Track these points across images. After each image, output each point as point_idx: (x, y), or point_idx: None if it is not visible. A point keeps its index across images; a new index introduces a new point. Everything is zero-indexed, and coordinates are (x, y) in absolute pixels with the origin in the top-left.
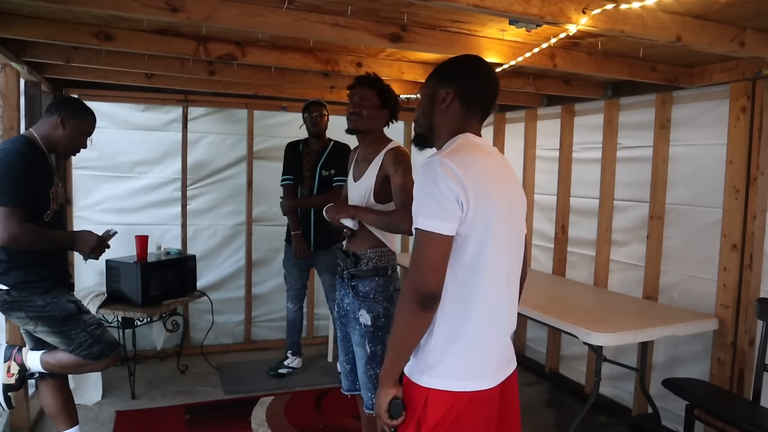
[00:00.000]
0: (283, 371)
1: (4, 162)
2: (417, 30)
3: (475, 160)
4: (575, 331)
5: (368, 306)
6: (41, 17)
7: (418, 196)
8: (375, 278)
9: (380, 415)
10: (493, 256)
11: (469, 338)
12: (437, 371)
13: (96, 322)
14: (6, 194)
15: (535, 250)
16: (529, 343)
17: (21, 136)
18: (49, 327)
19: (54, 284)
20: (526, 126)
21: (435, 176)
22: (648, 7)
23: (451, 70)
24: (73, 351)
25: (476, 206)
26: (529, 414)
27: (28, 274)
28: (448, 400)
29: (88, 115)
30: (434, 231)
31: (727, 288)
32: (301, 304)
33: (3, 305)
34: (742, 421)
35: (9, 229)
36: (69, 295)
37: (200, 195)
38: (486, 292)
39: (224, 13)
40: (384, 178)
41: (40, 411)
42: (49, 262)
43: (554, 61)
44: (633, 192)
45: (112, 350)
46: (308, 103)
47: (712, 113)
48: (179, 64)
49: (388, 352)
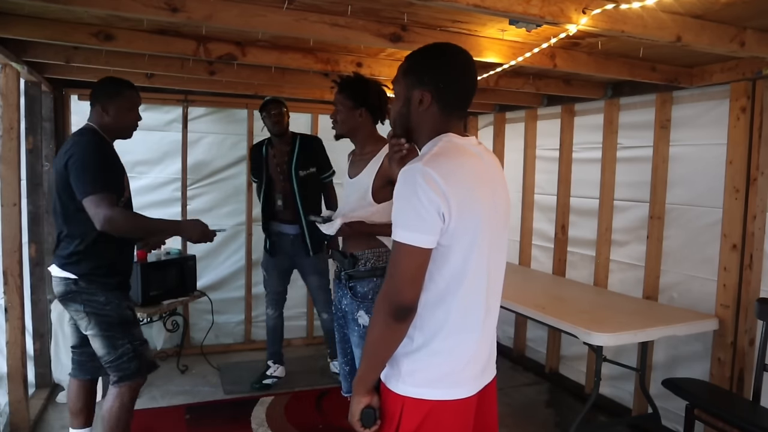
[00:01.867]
0: (268, 382)
1: (83, 152)
2: (417, 30)
3: (458, 165)
4: (575, 331)
5: (367, 307)
6: (41, 17)
7: (397, 206)
8: (373, 279)
9: (353, 423)
10: (475, 264)
11: (446, 346)
12: (413, 379)
13: (142, 338)
14: (94, 182)
15: (535, 250)
16: (529, 343)
17: (87, 128)
18: (100, 328)
19: (120, 283)
20: (526, 126)
21: (415, 186)
22: (648, 7)
23: (425, 67)
24: (113, 361)
25: (459, 216)
26: (529, 414)
27: (99, 266)
28: (424, 408)
29: (124, 90)
30: (411, 244)
31: (727, 288)
32: (282, 309)
33: (66, 295)
34: (742, 421)
35: (105, 213)
36: (129, 300)
37: (200, 195)
38: (465, 300)
39: (224, 13)
40: (385, 180)
41: (40, 411)
42: (120, 260)
43: (554, 61)
44: (633, 192)
45: (147, 371)
46: (265, 102)
47: (712, 113)
48: (179, 64)
49: (362, 361)
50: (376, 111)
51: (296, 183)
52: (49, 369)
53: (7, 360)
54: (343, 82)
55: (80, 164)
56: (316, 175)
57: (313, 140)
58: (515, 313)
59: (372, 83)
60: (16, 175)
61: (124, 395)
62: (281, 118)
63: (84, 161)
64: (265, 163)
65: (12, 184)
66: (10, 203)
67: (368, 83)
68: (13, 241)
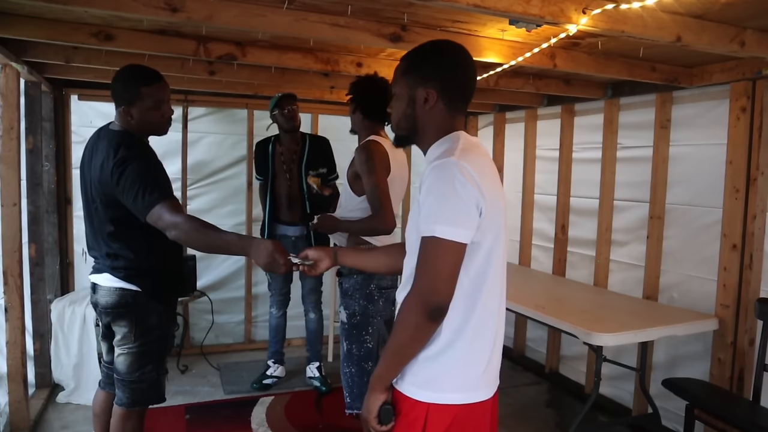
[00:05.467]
0: (268, 382)
1: (137, 159)
2: (417, 30)
3: (483, 162)
4: (575, 331)
5: (345, 303)
6: (41, 17)
7: (432, 201)
8: (353, 275)
9: (369, 420)
10: (496, 263)
11: (469, 349)
12: (438, 384)
13: (166, 367)
14: (158, 189)
15: (535, 250)
16: (529, 343)
17: (117, 133)
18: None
19: (172, 300)
20: (526, 126)
21: (453, 179)
22: (648, 7)
23: (428, 65)
24: (132, 382)
25: (488, 212)
26: (529, 414)
27: (160, 281)
28: (450, 414)
29: (143, 86)
30: (452, 239)
31: (727, 288)
32: (285, 309)
33: (118, 307)
34: (742, 421)
35: (174, 220)
36: (175, 323)
37: (200, 195)
38: (486, 300)
39: (224, 13)
40: (354, 174)
41: (40, 411)
42: (178, 274)
43: (554, 61)
44: (633, 192)
45: (156, 401)
46: (279, 98)
47: (712, 113)
48: (179, 64)
49: (385, 359)
50: (360, 108)
51: (305, 182)
52: (49, 369)
53: (7, 360)
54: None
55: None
56: (326, 175)
57: (323, 141)
58: (515, 313)
59: (365, 83)
60: (16, 175)
61: (135, 421)
62: (296, 113)
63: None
64: (272, 161)
65: (12, 184)
66: (10, 203)
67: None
68: (13, 241)
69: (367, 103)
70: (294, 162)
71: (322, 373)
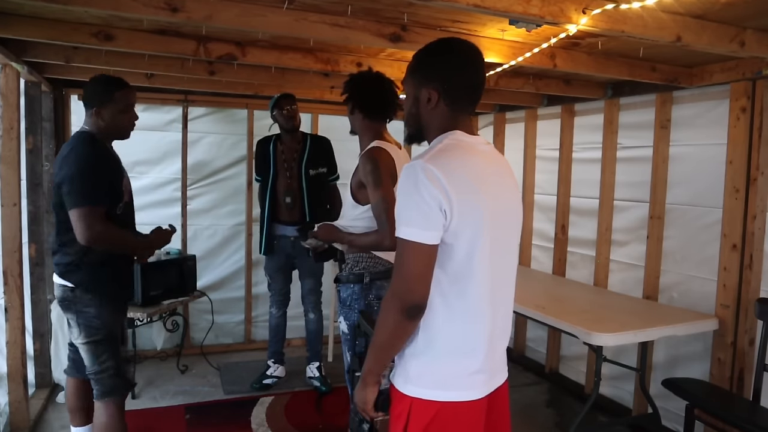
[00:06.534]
0: (268, 382)
1: (78, 162)
2: (417, 30)
3: (461, 162)
4: (575, 331)
5: (345, 313)
6: (41, 17)
7: (400, 203)
8: (351, 285)
9: (367, 410)
10: (480, 263)
11: (454, 348)
12: (421, 380)
13: (126, 357)
14: (85, 194)
15: (535, 250)
16: (529, 343)
17: (82, 134)
18: (87, 341)
19: (116, 294)
20: (526, 126)
21: (417, 182)
22: (648, 7)
23: (431, 65)
24: (96, 374)
25: (461, 213)
26: (529, 414)
27: (95, 278)
28: (432, 410)
29: (116, 91)
30: (416, 240)
31: (727, 288)
32: (285, 309)
33: (62, 301)
34: (742, 421)
35: (93, 228)
36: (123, 314)
37: (200, 195)
38: (472, 300)
39: (224, 13)
40: (358, 183)
41: (40, 411)
42: (117, 270)
43: (554, 61)
44: (633, 192)
45: (126, 390)
46: (278, 98)
47: (712, 113)
48: (179, 64)
49: (372, 355)
50: (363, 107)
51: (305, 181)
52: (49, 369)
53: (7, 360)
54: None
55: (70, 176)
56: (326, 175)
57: (323, 140)
58: (515, 313)
59: (360, 79)
60: (16, 175)
61: (112, 410)
62: (296, 113)
63: (80, 172)
64: (273, 159)
65: (12, 184)
66: (10, 203)
67: (354, 79)
68: (13, 241)
69: (365, 101)
70: (295, 160)
71: (322, 373)
